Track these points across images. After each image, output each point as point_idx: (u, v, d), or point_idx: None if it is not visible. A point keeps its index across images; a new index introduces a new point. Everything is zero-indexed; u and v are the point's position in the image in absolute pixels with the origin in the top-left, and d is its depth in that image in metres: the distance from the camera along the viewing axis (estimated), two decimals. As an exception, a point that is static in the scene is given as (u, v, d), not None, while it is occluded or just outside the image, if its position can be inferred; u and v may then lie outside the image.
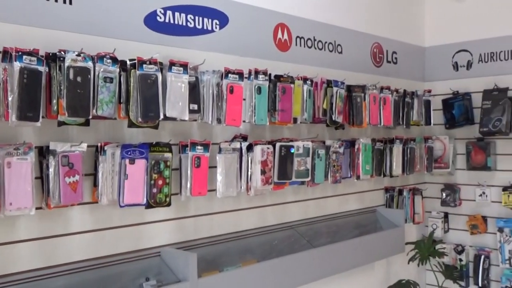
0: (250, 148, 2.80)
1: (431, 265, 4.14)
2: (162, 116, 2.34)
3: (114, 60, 2.20)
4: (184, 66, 2.43)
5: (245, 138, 2.86)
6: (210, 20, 2.79)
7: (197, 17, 2.73)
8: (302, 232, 3.30)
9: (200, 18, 2.74)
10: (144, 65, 2.28)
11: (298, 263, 3.02)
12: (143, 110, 2.26)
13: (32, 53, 1.96)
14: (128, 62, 2.27)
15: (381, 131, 3.99)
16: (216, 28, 2.83)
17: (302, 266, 3.04)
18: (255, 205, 3.05)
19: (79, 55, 2.08)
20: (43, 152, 2.10)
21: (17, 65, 1.91)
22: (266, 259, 2.91)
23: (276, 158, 2.89)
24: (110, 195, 2.26)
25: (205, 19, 2.77)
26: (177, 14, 2.64)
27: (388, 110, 3.71)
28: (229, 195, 2.71)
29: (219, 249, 2.83)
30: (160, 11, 2.57)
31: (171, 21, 2.62)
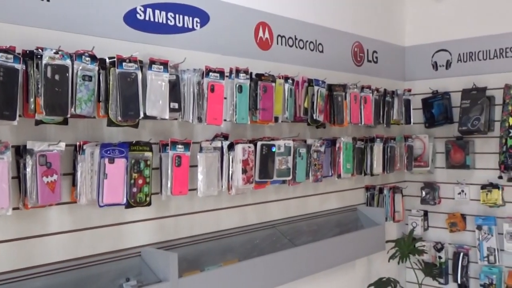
0: (231, 147, 2.79)
1: (411, 263, 4.17)
2: (142, 115, 2.31)
3: (93, 58, 2.17)
4: (165, 65, 2.41)
5: (226, 137, 2.85)
6: (190, 18, 2.77)
7: (177, 15, 2.71)
8: (283, 231, 3.30)
9: (181, 16, 2.72)
10: (123, 63, 2.25)
11: (279, 262, 3.02)
12: (123, 108, 2.23)
13: (9, 51, 1.92)
14: (108, 60, 2.24)
15: (362, 130, 4.01)
16: (197, 26, 2.81)
17: (284, 265, 3.04)
18: (236, 204, 3.04)
19: (57, 52, 2.04)
20: (20, 152, 2.07)
21: (-7, 62, 1.87)
22: (247, 258, 2.90)
23: (257, 157, 2.89)
24: (89, 194, 2.23)
25: (186, 17, 2.75)
26: (157, 12, 2.61)
27: (369, 109, 3.73)
28: (210, 194, 2.70)
29: (200, 249, 2.81)
30: (140, 9, 2.54)
31: (151, 19, 2.59)
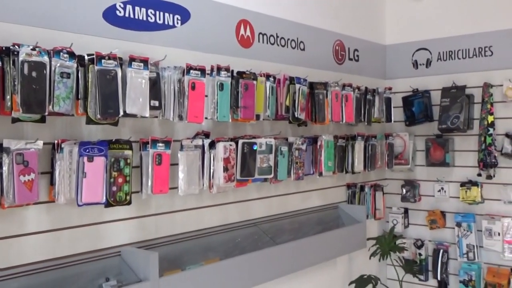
0: (212, 145, 2.78)
1: (391, 260, 4.20)
2: (122, 113, 2.28)
3: (71, 54, 2.13)
4: (145, 62, 2.38)
5: (207, 135, 2.84)
6: (171, 15, 2.75)
7: (158, 12, 2.68)
8: (265, 229, 3.29)
9: (161, 13, 2.70)
10: (103, 60, 2.22)
11: (261, 260, 3.01)
12: (102, 106, 2.20)
13: (-16, 47, 1.89)
14: (86, 57, 2.21)
15: (343, 128, 4.02)
16: (177, 23, 2.79)
17: (265, 263, 3.04)
18: (217, 202, 3.03)
19: (34, 49, 2.00)
20: (-4, 150, 2.02)
21: (-33, 59, 1.84)
22: (229, 256, 2.89)
23: (239, 155, 2.88)
24: (68, 194, 2.19)
25: (166, 14, 2.72)
26: (137, 8, 2.58)
27: (350, 107, 3.74)
28: (191, 192, 2.68)
29: (181, 248, 2.79)
30: (120, 5, 2.51)
31: (131, 16, 2.56)
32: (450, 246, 4.29)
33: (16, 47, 1.98)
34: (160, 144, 2.52)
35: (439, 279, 4.28)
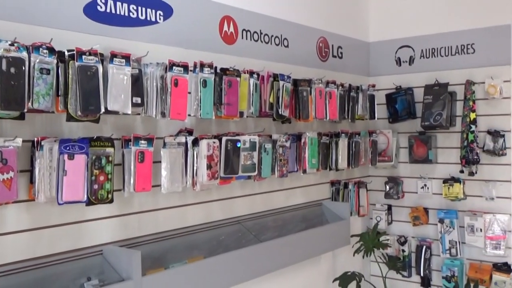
0: (195, 143, 2.75)
1: (375, 257, 4.22)
2: (103, 110, 2.25)
3: (51, 50, 2.09)
4: (126, 58, 2.35)
5: (190, 132, 2.81)
6: (153, 11, 2.71)
7: (140, 8, 2.64)
8: (249, 227, 3.28)
9: (143, 9, 2.66)
10: (83, 56, 2.18)
11: (245, 258, 3.00)
12: (83, 103, 2.17)
13: (-40, 42, 1.84)
14: (66, 53, 2.17)
15: (327, 125, 4.02)
16: (160, 19, 2.75)
17: (249, 261, 3.03)
18: (201, 200, 3.01)
19: (12, 44, 1.96)
20: (-26, 148, 1.98)
21: None
22: (212, 254, 2.87)
23: (222, 152, 2.86)
24: (48, 192, 2.15)
25: (149, 10, 2.69)
26: (118, 4, 2.54)
27: (334, 104, 3.74)
28: (174, 190, 2.66)
29: (164, 246, 2.77)
30: (101, 0, 2.47)
31: (113, 11, 2.52)
32: (433, 242, 4.32)
33: (-6, 42, 1.94)
34: (143, 142, 2.49)
35: (422, 275, 4.31)
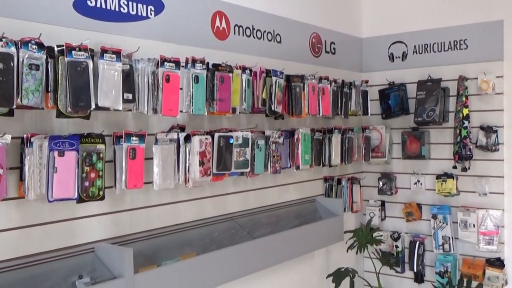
0: (187, 139, 2.73)
1: (369, 253, 4.22)
2: (93, 106, 2.22)
3: (40, 46, 2.07)
4: (117, 53, 2.32)
5: (182, 129, 2.79)
6: (144, 6, 2.69)
7: (130, 3, 2.61)
8: (242, 224, 3.27)
9: (134, 4, 2.63)
10: (73, 52, 2.15)
11: (238, 254, 2.99)
12: (73, 99, 2.14)
13: None
14: (56, 49, 2.14)
15: (320, 121, 4.01)
16: (151, 14, 2.73)
17: (243, 257, 3.02)
18: (193, 197, 2.99)
19: (0, 39, 1.93)
20: (-38, 145, 1.96)
21: None
22: (206, 251, 2.86)
23: (215, 149, 2.84)
24: (38, 189, 2.13)
25: (139, 5, 2.66)
26: (109, -2, 2.52)
27: (327, 100, 3.73)
28: (166, 187, 2.64)
29: (157, 243, 2.75)
30: (91, -5, 2.45)
31: (103, 6, 2.49)
32: (426, 238, 4.33)
33: (-19, 37, 1.91)
34: (134, 138, 2.46)
35: (415, 270, 4.31)
